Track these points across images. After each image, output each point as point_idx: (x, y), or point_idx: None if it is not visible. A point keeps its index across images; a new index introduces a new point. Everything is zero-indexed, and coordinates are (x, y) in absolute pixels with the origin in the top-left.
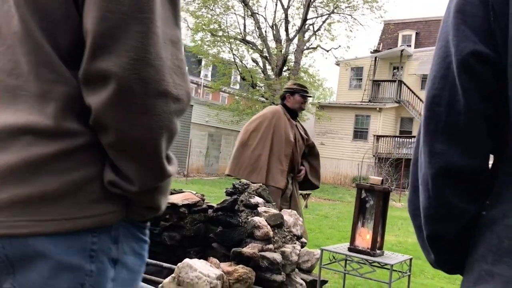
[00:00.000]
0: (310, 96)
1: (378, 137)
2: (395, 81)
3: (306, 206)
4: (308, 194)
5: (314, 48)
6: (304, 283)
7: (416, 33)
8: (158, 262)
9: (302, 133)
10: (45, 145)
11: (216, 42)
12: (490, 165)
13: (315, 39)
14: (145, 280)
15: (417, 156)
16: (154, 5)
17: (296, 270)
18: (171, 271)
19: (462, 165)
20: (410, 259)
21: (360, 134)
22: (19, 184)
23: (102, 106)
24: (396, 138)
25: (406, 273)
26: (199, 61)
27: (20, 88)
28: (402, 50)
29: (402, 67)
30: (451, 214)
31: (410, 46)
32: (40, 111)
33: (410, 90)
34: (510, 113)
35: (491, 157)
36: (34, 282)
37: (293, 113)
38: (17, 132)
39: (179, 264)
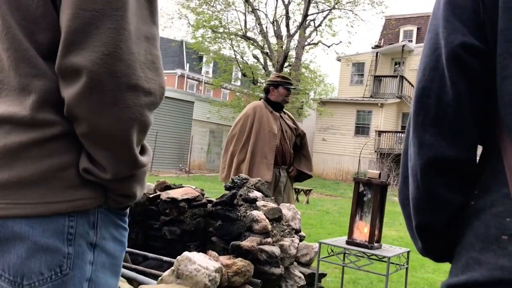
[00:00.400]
0: (294, 88)
1: (379, 132)
2: (396, 76)
3: (307, 202)
4: (310, 190)
5: (315, 44)
6: (302, 276)
7: (418, 28)
8: (158, 256)
9: (290, 123)
10: (22, 134)
11: (217, 39)
12: (478, 156)
13: (316, 34)
14: (146, 274)
15: (407, 146)
16: (127, 3)
17: (295, 263)
18: (171, 265)
19: (450, 156)
20: (408, 252)
21: (361, 129)
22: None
23: (74, 99)
24: (398, 134)
25: (403, 265)
26: (200, 58)
27: (2, 82)
28: (403, 46)
29: (403, 63)
30: (439, 204)
31: (411, 41)
32: (19, 103)
33: (412, 85)
34: (498, 104)
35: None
36: (13, 263)
37: (277, 106)
38: None
39: (178, 257)
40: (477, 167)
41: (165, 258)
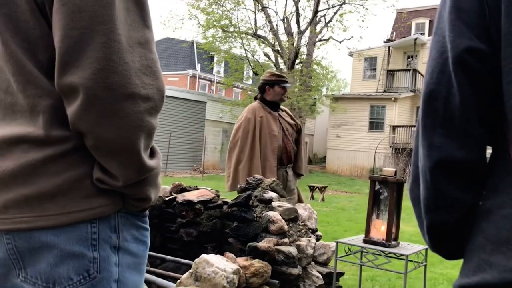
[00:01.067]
0: (289, 85)
1: (394, 127)
2: (409, 70)
3: (323, 199)
4: (325, 187)
5: (326, 40)
6: (320, 276)
7: (430, 20)
8: (176, 259)
9: (289, 119)
10: (38, 152)
11: (227, 38)
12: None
13: (327, 30)
14: (164, 277)
15: (417, 147)
16: (114, 15)
17: (312, 263)
18: (189, 267)
19: (459, 157)
20: (426, 249)
21: (376, 125)
22: (20, 186)
23: (75, 116)
24: (413, 128)
25: (422, 263)
26: (211, 58)
27: (15, 104)
28: (415, 39)
29: (416, 56)
30: (449, 205)
31: (423, 34)
32: (32, 123)
33: None
34: (505, 108)
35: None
36: (44, 270)
37: (274, 105)
38: (15, 142)
39: (196, 259)
40: (485, 167)
41: (182, 261)
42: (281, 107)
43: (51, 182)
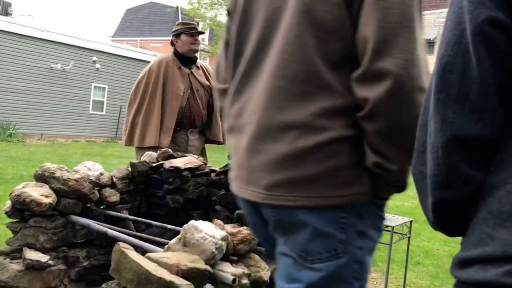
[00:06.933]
0: (200, 32)
1: None
2: None
3: None
4: None
5: None
6: None
7: None
8: (162, 224)
9: (203, 80)
10: (307, 139)
11: (213, 5)
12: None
13: None
14: (150, 242)
15: (425, 122)
16: (414, 14)
17: None
18: (174, 232)
19: (473, 133)
20: (410, 222)
21: None
22: (289, 168)
23: (380, 98)
24: None
25: (406, 235)
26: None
27: (283, 88)
28: None
29: None
30: (460, 181)
31: None
32: (303, 110)
33: None
34: None
35: None
36: (299, 242)
37: (186, 60)
38: (286, 127)
39: (185, 225)
40: (497, 144)
41: (169, 226)
42: (200, 63)
43: (316, 168)
